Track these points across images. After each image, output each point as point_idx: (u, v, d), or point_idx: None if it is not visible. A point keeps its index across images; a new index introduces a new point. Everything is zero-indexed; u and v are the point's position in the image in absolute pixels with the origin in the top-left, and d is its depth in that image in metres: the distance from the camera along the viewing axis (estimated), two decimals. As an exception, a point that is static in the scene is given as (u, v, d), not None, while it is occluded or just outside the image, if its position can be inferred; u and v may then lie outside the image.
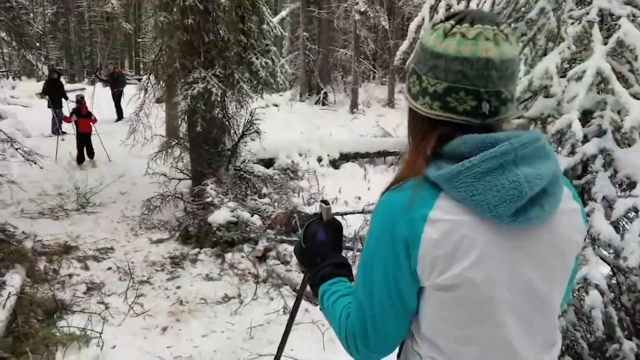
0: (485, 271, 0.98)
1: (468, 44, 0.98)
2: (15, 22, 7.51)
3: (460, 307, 1.02)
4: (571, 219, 1.07)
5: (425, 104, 1.03)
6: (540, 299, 1.05)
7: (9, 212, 7.86)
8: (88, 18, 31.73)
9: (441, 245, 0.97)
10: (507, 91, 1.01)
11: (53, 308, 4.95)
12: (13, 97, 16.05)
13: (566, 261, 1.08)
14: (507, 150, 0.95)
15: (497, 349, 1.04)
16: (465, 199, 0.96)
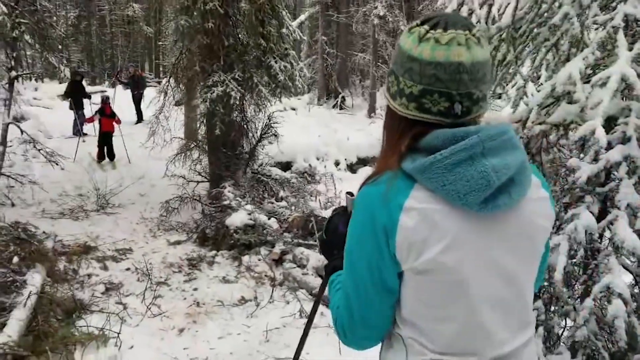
0: (457, 255, 1.05)
1: (441, 49, 1.04)
2: (40, 25, 7.65)
3: (435, 290, 1.09)
4: (540, 207, 1.14)
5: (402, 104, 1.10)
6: (512, 281, 1.11)
7: (31, 212, 7.98)
8: (109, 21, 32.16)
9: (416, 231, 1.05)
10: (479, 91, 1.07)
11: (72, 308, 5.01)
12: (35, 98, 16.29)
13: (535, 245, 1.15)
14: (475, 143, 1.03)
15: (473, 328, 1.10)
16: (438, 188, 1.04)
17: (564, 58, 2.14)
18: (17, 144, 8.58)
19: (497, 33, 2.54)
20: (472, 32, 1.06)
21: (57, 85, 19.40)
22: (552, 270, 2.11)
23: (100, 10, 31.50)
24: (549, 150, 2.67)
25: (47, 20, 8.40)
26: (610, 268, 1.90)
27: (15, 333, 4.06)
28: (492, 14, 2.64)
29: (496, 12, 2.67)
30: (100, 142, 10.80)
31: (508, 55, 2.63)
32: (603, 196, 2.07)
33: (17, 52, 7.27)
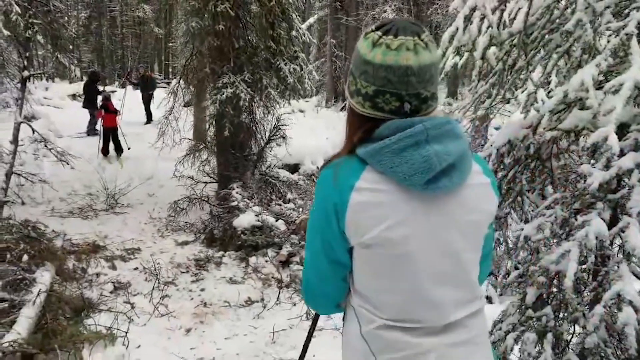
0: (403, 231, 1.17)
1: (391, 54, 1.15)
2: (52, 25, 7.71)
3: (382, 263, 1.20)
4: (482, 191, 1.25)
5: (359, 102, 1.23)
6: (454, 255, 1.22)
7: (40, 211, 8.04)
8: (120, 22, 32.36)
9: (365, 209, 1.17)
10: (426, 91, 1.19)
11: (81, 306, 5.04)
12: (46, 98, 16.38)
13: (478, 226, 1.25)
14: (420, 131, 1.15)
15: (418, 298, 1.21)
16: (386, 170, 1.16)
17: (576, 64, 2.14)
18: (28, 142, 8.64)
19: (509, 38, 2.54)
20: (420, 38, 1.17)
21: (68, 85, 19.52)
22: (562, 277, 2.11)
23: (111, 11, 31.71)
24: (560, 156, 2.67)
25: (60, 20, 8.44)
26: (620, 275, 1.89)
27: (25, 330, 4.09)
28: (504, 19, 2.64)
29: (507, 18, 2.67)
30: (106, 138, 11.13)
31: (519, 61, 2.63)
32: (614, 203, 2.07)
33: (29, 52, 7.32)
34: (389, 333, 1.23)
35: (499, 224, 2.78)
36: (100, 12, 30.62)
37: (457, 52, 2.39)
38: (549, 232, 2.18)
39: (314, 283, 1.34)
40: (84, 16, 29.58)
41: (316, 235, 1.27)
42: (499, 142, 2.54)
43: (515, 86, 2.78)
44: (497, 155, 2.56)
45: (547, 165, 2.66)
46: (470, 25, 2.32)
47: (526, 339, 2.20)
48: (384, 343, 1.24)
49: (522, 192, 2.62)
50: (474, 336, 1.26)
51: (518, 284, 2.64)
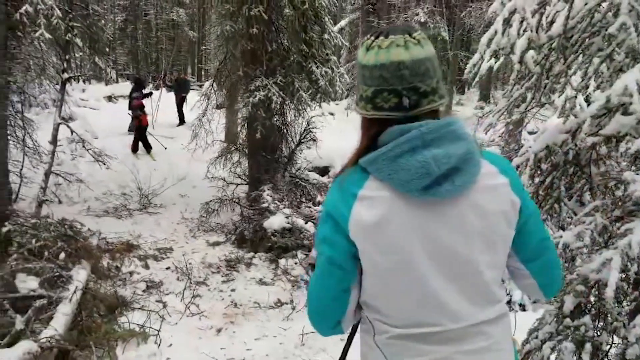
0: (404, 238, 1.17)
1: (382, 53, 1.18)
2: (91, 29, 7.91)
3: (387, 271, 1.20)
4: (492, 193, 1.21)
5: (363, 107, 1.25)
6: (462, 261, 1.20)
7: (77, 210, 8.24)
8: (155, 25, 32.92)
9: (366, 217, 1.17)
10: (425, 85, 1.18)
11: (114, 304, 5.15)
12: (83, 99, 16.75)
13: (492, 228, 1.21)
14: (415, 136, 1.15)
15: (428, 305, 1.20)
16: (385, 178, 1.17)
17: (618, 69, 2.09)
18: (66, 143, 8.88)
19: (548, 42, 2.49)
20: (411, 35, 1.19)
21: (104, 87, 19.95)
22: (602, 286, 2.05)
23: (146, 15, 32.29)
24: (599, 162, 2.61)
25: (98, 24, 8.65)
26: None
27: (61, 327, 4.19)
28: (542, 23, 2.60)
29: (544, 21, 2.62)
30: (138, 135, 11.60)
31: (557, 65, 2.58)
32: (656, 211, 2.01)
33: (68, 55, 7.52)
34: (402, 342, 1.23)
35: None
36: (135, 15, 31.19)
37: (495, 55, 2.36)
38: (588, 239, 2.13)
39: (315, 295, 1.32)
40: (120, 19, 30.18)
41: (323, 245, 1.26)
42: (536, 147, 2.49)
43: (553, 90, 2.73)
44: (534, 160, 2.51)
45: (586, 172, 2.59)
46: (510, 29, 2.29)
47: (563, 348, 2.15)
48: (397, 349, 1.24)
49: (559, 199, 2.57)
50: (492, 343, 1.23)
51: (554, 292, 2.58)
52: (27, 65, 7.81)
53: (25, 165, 8.03)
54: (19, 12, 6.16)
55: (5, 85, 6.27)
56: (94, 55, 8.71)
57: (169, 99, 15.77)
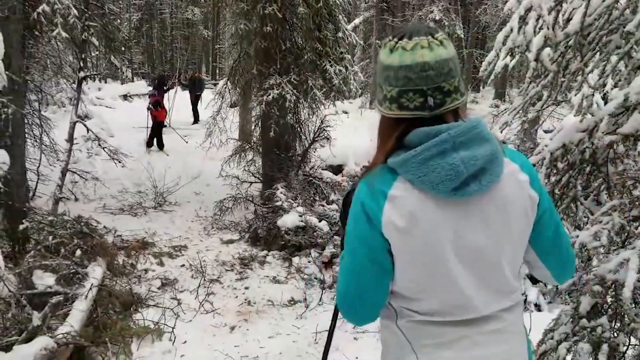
0: (432, 235, 1.23)
1: (407, 54, 1.23)
2: (107, 28, 7.98)
3: (418, 266, 1.27)
4: (516, 190, 1.28)
5: (387, 107, 1.29)
6: (486, 256, 1.27)
7: (92, 207, 8.33)
8: (170, 24, 33.13)
9: (397, 216, 1.23)
10: (448, 85, 1.23)
11: (130, 301, 5.19)
12: (99, 98, 16.93)
13: (512, 223, 1.28)
14: (445, 139, 1.19)
15: (453, 297, 1.28)
16: (414, 180, 1.22)
17: (637, 66, 2.06)
18: (82, 141, 8.97)
19: (565, 39, 2.46)
20: (434, 37, 1.24)
21: (119, 85, 20.12)
22: (619, 287, 2.03)
23: (161, 14, 32.50)
24: (616, 161, 2.57)
25: (114, 23, 8.73)
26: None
27: (77, 323, 4.23)
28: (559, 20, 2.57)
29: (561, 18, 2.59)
30: (153, 132, 11.95)
31: (574, 63, 2.55)
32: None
33: (84, 54, 7.59)
34: (425, 326, 1.31)
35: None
36: (151, 14, 31.41)
37: (511, 53, 2.34)
38: (605, 239, 2.10)
39: (353, 291, 1.35)
40: (135, 19, 30.41)
41: (358, 244, 1.31)
42: (552, 146, 2.47)
43: (569, 88, 2.70)
44: (550, 159, 2.48)
45: (603, 171, 2.56)
46: (526, 27, 2.26)
47: (580, 349, 2.13)
48: (419, 332, 1.32)
49: (576, 198, 2.54)
50: (506, 325, 1.32)
51: (570, 292, 2.56)
52: (44, 64, 7.91)
53: (42, 163, 8.13)
54: (36, 11, 6.23)
55: (23, 84, 6.35)
56: (110, 54, 8.79)
57: (184, 97, 15.88)
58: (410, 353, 1.33)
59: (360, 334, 4.81)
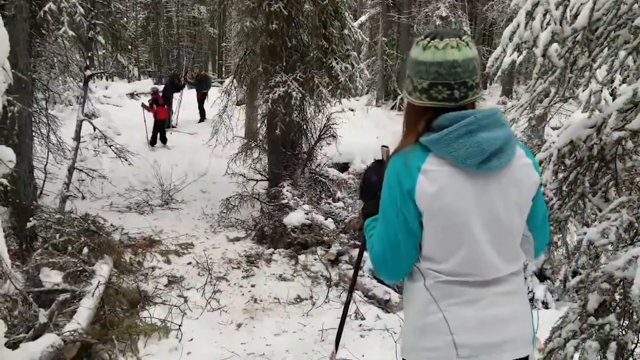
0: (459, 204, 1.43)
1: (439, 53, 1.44)
2: (113, 26, 7.99)
3: (445, 230, 1.46)
4: (524, 170, 1.51)
5: (417, 97, 1.50)
6: (502, 223, 1.48)
7: (99, 205, 8.37)
8: (176, 22, 33.15)
9: (430, 187, 1.43)
10: (472, 80, 1.45)
11: (137, 299, 5.20)
12: (105, 96, 16.97)
13: (522, 198, 1.50)
14: (472, 122, 1.41)
15: (475, 257, 1.47)
16: (446, 155, 1.43)
17: (645, 61, 2.03)
18: (89, 139, 9.01)
19: (572, 35, 2.44)
20: (461, 39, 1.45)
21: (126, 84, 20.17)
22: (627, 284, 2.01)
23: (168, 12, 32.52)
24: (625, 157, 2.55)
25: (120, 21, 8.75)
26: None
27: (85, 321, 4.25)
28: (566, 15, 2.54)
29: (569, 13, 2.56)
30: (155, 129, 12.11)
31: (582, 58, 2.52)
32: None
33: (91, 52, 7.61)
34: (449, 286, 1.50)
35: (559, 227, 2.68)
36: (157, 12, 31.40)
37: (517, 48, 2.32)
38: (614, 236, 2.08)
39: (388, 253, 1.55)
40: (142, 17, 30.43)
41: (391, 212, 1.50)
42: (560, 142, 2.45)
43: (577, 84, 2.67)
44: (558, 156, 2.46)
45: (611, 167, 2.54)
46: (533, 22, 2.24)
47: (588, 347, 2.11)
48: (444, 292, 1.51)
49: (584, 195, 2.52)
50: (515, 288, 1.55)
51: (578, 289, 2.54)
52: (51, 63, 7.94)
53: (49, 161, 8.17)
54: (42, 10, 6.25)
55: (30, 82, 6.37)
56: (117, 53, 8.82)
57: (191, 95, 15.89)
58: (437, 310, 1.51)
59: (367, 332, 4.80)
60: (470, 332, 1.48)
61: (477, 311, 1.49)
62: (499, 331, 1.50)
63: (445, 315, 1.49)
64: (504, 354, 1.50)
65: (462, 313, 1.49)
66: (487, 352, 1.49)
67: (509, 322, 1.51)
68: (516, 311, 1.54)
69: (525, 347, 1.55)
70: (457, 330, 1.48)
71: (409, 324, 1.62)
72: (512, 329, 1.52)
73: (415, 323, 1.58)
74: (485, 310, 1.49)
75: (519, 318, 1.55)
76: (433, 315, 1.51)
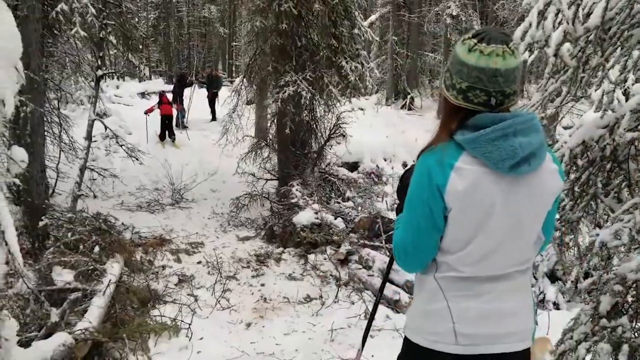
0: (487, 202, 1.47)
1: (483, 58, 1.44)
2: (124, 26, 8.04)
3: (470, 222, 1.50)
4: (551, 176, 1.53)
5: (453, 95, 1.52)
6: (521, 224, 1.52)
7: (111, 204, 8.42)
8: (187, 22, 33.27)
9: (460, 184, 1.46)
10: (509, 89, 1.47)
11: (147, 297, 5.23)
12: (117, 96, 17.07)
13: (544, 202, 1.55)
14: (509, 125, 1.43)
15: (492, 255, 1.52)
16: (480, 155, 1.45)
17: (659, 61, 2.00)
18: (101, 139, 9.06)
19: (585, 34, 2.41)
20: (508, 46, 1.45)
21: (137, 83, 20.27)
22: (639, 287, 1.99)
23: (179, 12, 32.65)
24: (638, 158, 2.52)
25: (131, 21, 8.79)
26: None
27: (96, 319, 4.28)
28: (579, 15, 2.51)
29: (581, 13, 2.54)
30: (162, 125, 12.51)
31: (595, 58, 2.49)
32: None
33: (102, 52, 7.65)
34: (458, 281, 1.56)
35: (571, 228, 2.66)
36: (168, 12, 31.55)
37: (529, 48, 2.30)
38: (627, 238, 2.06)
39: (409, 243, 1.60)
40: (153, 17, 30.58)
41: (418, 205, 1.54)
42: (572, 142, 2.42)
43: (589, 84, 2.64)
44: (570, 156, 2.44)
45: (624, 168, 2.51)
46: (545, 21, 2.22)
47: (599, 349, 2.09)
48: (452, 285, 1.57)
49: (596, 196, 2.49)
50: (520, 285, 1.60)
51: (590, 291, 2.51)
52: (63, 63, 8.00)
53: (61, 161, 8.23)
54: (54, 10, 6.30)
55: (42, 82, 6.42)
56: (128, 53, 8.86)
57: (202, 95, 15.95)
58: (442, 300, 1.57)
59: (376, 332, 4.79)
60: (471, 323, 1.55)
61: (480, 304, 1.55)
62: (499, 324, 1.56)
63: (449, 304, 1.56)
64: (501, 345, 1.56)
65: (466, 304, 1.56)
66: (485, 343, 1.56)
67: (510, 316, 1.57)
68: (518, 307, 1.60)
69: (524, 341, 1.61)
70: (459, 320, 1.55)
71: (415, 307, 1.70)
72: (512, 323, 1.58)
73: (421, 307, 1.66)
74: (489, 303, 1.55)
75: (521, 313, 1.60)
76: (438, 303, 1.58)
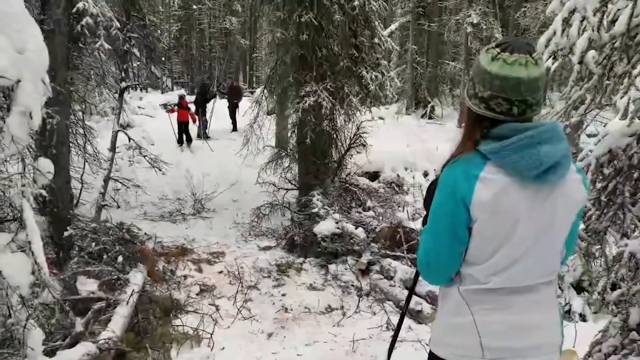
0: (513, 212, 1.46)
1: (506, 68, 1.44)
2: (147, 39, 8.18)
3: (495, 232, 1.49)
4: (575, 185, 1.53)
5: (475, 104, 1.53)
6: (547, 234, 1.51)
7: (134, 214, 8.52)
8: (208, 34, 33.70)
9: (486, 194, 1.45)
10: (532, 98, 1.46)
11: (169, 307, 5.25)
12: (140, 107, 17.34)
13: (570, 212, 1.54)
14: (533, 134, 1.43)
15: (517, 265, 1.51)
16: (505, 165, 1.45)
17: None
18: (124, 149, 9.20)
19: (610, 41, 2.38)
20: (531, 56, 1.45)
21: (160, 95, 20.56)
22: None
23: (200, 24, 33.09)
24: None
25: (154, 34, 8.94)
26: None
27: (119, 329, 4.32)
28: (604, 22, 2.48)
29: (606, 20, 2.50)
30: (180, 129, 13.04)
31: (620, 65, 2.45)
32: None
33: (126, 64, 7.79)
34: (482, 294, 1.55)
35: (597, 238, 2.61)
36: (190, 25, 32.02)
37: (553, 55, 2.27)
38: (656, 249, 2.01)
39: (433, 257, 1.60)
40: (175, 29, 31.05)
41: (444, 218, 1.54)
42: (598, 151, 2.38)
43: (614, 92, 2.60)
44: (596, 165, 2.40)
45: (652, 176, 2.46)
46: (570, 29, 2.19)
47: (629, 364, 2.04)
48: (477, 298, 1.56)
49: (623, 205, 2.44)
50: (545, 297, 1.58)
51: (618, 303, 2.46)
52: (88, 75, 8.14)
53: (85, 171, 8.36)
54: (80, 24, 6.43)
55: (67, 94, 6.54)
56: (151, 65, 9.01)
57: (223, 106, 16.12)
58: (468, 313, 1.56)
59: (398, 343, 4.73)
60: (497, 336, 1.54)
61: (506, 316, 1.54)
62: (525, 337, 1.54)
63: (475, 318, 1.55)
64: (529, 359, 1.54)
65: (492, 317, 1.55)
66: (512, 356, 1.54)
67: (535, 329, 1.55)
68: (544, 319, 1.58)
69: (551, 354, 1.59)
70: (485, 333, 1.54)
71: (440, 321, 1.68)
72: (538, 336, 1.56)
73: (446, 321, 1.65)
74: (514, 316, 1.54)
75: (546, 326, 1.58)
76: (464, 317, 1.57)
